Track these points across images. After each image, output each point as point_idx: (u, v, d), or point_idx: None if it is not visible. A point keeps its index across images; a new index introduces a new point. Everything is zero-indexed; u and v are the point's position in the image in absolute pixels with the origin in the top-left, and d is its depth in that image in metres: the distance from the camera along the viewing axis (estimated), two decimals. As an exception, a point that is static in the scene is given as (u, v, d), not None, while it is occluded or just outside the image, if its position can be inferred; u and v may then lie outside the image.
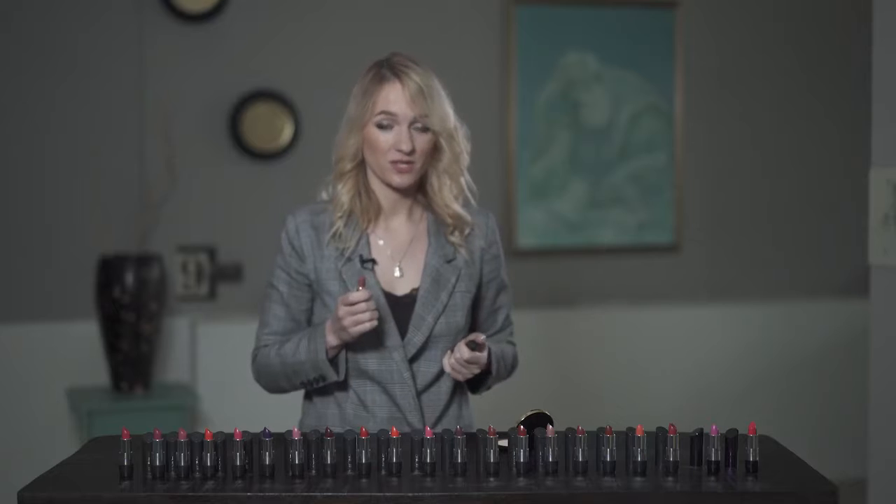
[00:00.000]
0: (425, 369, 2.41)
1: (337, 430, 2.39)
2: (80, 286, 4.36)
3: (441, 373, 2.43)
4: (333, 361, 2.37)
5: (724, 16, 5.16)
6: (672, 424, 2.00)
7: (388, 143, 2.36)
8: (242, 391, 4.46)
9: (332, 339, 2.34)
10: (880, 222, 3.16)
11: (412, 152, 2.35)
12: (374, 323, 2.29)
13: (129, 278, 4.14)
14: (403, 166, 2.36)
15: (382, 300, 2.38)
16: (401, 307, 2.40)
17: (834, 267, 5.30)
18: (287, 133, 4.60)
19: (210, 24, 4.53)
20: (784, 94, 5.24)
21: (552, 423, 2.08)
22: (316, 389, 2.46)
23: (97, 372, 4.36)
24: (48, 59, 4.38)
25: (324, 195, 2.50)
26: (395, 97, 2.35)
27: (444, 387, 2.44)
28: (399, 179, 2.38)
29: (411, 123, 2.35)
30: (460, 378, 2.37)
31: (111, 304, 4.14)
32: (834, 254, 5.30)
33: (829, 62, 5.27)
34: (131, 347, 4.16)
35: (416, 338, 2.39)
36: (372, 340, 2.37)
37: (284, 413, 4.44)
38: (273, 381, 2.46)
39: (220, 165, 4.57)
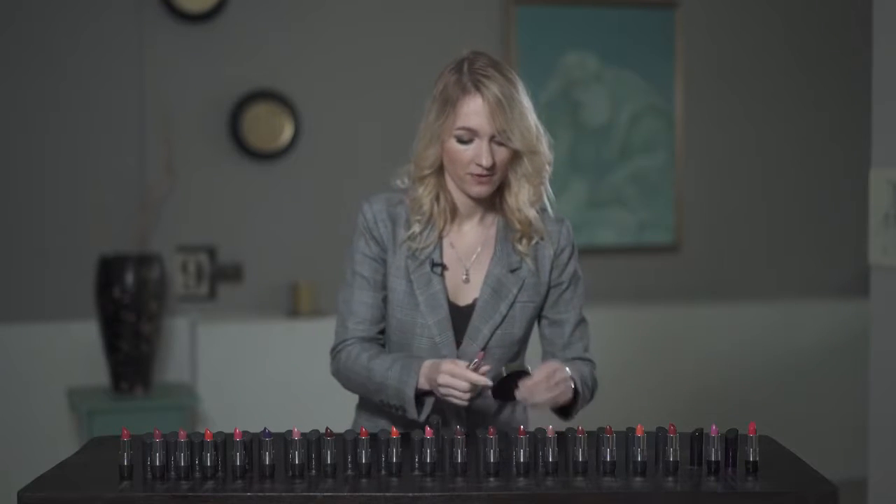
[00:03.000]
0: None
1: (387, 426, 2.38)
2: (80, 286, 4.36)
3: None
4: (419, 400, 2.31)
5: (724, 16, 5.16)
6: (672, 424, 2.00)
7: (468, 156, 2.32)
8: (242, 391, 4.48)
9: (423, 381, 2.28)
10: (880, 222, 3.16)
11: (492, 167, 2.33)
12: (465, 403, 2.24)
13: (129, 278, 4.14)
14: (483, 178, 2.34)
15: (446, 308, 2.36)
16: (461, 316, 2.37)
17: (834, 267, 5.30)
18: (287, 133, 4.60)
19: (210, 24, 4.52)
20: (784, 94, 5.24)
21: (528, 374, 2.19)
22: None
23: (97, 372, 4.36)
24: (48, 58, 4.38)
25: (398, 183, 2.44)
26: (475, 112, 2.30)
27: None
28: (477, 190, 2.35)
29: (492, 138, 2.31)
30: (541, 405, 2.25)
31: (111, 304, 4.14)
32: (834, 254, 5.29)
33: (829, 62, 5.26)
34: (131, 347, 4.16)
35: (470, 349, 2.35)
36: (429, 350, 2.36)
37: (284, 413, 4.43)
38: (356, 387, 2.40)
39: (220, 165, 4.57)
